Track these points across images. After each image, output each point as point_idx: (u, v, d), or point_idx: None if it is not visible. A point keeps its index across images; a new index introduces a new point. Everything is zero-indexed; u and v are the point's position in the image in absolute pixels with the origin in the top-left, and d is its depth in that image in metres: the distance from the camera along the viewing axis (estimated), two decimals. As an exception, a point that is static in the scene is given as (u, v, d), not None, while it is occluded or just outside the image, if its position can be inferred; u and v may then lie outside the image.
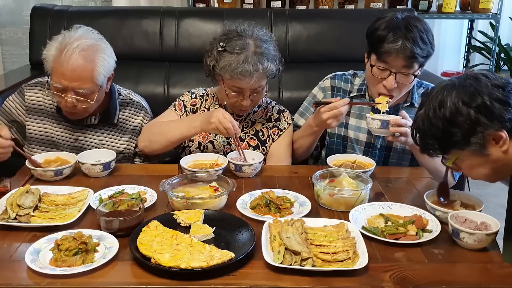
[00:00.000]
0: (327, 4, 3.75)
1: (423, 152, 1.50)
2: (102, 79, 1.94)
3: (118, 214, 1.47)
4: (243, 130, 2.13)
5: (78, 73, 1.87)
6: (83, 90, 1.90)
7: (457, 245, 1.40)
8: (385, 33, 1.87)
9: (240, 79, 1.91)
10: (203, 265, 1.23)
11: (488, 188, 2.00)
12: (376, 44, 1.90)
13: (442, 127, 1.38)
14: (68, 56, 1.86)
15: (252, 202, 1.63)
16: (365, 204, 1.60)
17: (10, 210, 1.48)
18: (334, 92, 2.18)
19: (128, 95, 2.21)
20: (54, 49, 1.90)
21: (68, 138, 2.10)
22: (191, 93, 2.18)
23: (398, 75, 1.90)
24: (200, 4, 3.77)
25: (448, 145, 1.41)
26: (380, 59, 1.90)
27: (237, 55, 1.91)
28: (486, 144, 1.35)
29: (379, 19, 1.94)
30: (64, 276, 1.22)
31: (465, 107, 1.34)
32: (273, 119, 2.17)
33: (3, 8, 4.21)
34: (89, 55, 1.89)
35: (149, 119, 2.20)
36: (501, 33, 4.24)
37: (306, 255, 1.26)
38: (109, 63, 1.97)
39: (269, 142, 2.14)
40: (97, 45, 1.95)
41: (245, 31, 1.98)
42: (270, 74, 2.00)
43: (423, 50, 1.87)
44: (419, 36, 1.86)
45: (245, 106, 2.01)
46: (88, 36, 1.95)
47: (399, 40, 1.84)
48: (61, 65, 1.87)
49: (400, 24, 1.88)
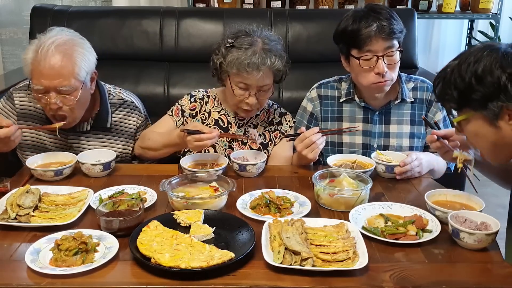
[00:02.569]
0: (327, 4, 3.75)
1: (438, 99, 1.48)
2: (83, 75, 1.86)
3: (118, 214, 1.48)
4: (245, 134, 2.12)
5: (57, 69, 1.80)
6: (65, 88, 1.82)
7: (457, 245, 1.40)
8: (356, 25, 1.89)
9: (248, 72, 1.91)
10: (203, 265, 1.23)
11: (488, 188, 2.00)
12: (353, 37, 1.91)
13: (468, 81, 1.34)
14: (44, 54, 1.79)
15: (252, 202, 1.63)
16: (365, 204, 1.60)
17: (10, 210, 1.48)
18: (322, 101, 2.16)
19: (119, 95, 2.15)
20: (31, 52, 1.83)
21: (61, 145, 2.06)
22: (191, 96, 2.17)
23: (385, 57, 1.91)
24: (200, 4, 3.78)
25: (465, 100, 1.37)
26: (363, 49, 1.91)
27: (245, 50, 1.92)
28: (500, 115, 1.32)
29: (343, 19, 1.97)
30: (64, 276, 1.22)
31: (500, 70, 1.30)
32: (275, 123, 2.16)
33: (3, 8, 4.21)
34: (66, 49, 1.83)
35: (143, 119, 2.17)
36: (501, 33, 4.23)
37: (306, 255, 1.26)
38: (89, 58, 1.89)
39: (271, 145, 2.13)
40: (74, 40, 1.89)
41: (253, 31, 2.00)
42: (276, 72, 1.98)
43: (397, 24, 1.90)
44: (388, 14, 1.90)
45: (251, 105, 1.99)
46: (63, 33, 1.89)
47: (373, 23, 1.87)
48: (39, 64, 1.80)
49: (366, 11, 1.91)
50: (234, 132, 2.12)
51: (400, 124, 2.10)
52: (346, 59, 2.01)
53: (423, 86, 2.11)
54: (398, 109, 2.09)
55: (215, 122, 2.12)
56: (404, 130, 2.09)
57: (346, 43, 1.96)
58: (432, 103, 2.09)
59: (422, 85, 2.11)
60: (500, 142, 1.37)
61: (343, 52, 2.00)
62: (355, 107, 2.13)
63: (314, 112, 2.18)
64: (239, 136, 2.06)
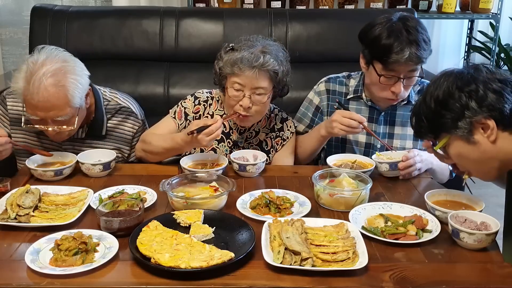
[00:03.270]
0: (327, 4, 3.75)
1: (417, 135, 1.54)
2: (78, 101, 1.82)
3: (118, 214, 1.48)
4: (247, 140, 2.11)
5: (52, 102, 1.75)
6: (62, 117, 1.80)
7: (457, 245, 1.40)
8: (389, 42, 1.86)
9: (240, 69, 1.87)
10: (203, 265, 1.23)
11: (488, 188, 1.99)
12: (382, 54, 1.88)
13: (433, 108, 1.42)
14: (37, 87, 1.73)
15: (252, 202, 1.63)
16: (365, 204, 1.60)
17: (10, 210, 1.48)
18: (329, 95, 2.18)
19: (115, 100, 2.11)
20: (22, 81, 1.77)
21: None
22: (195, 98, 2.12)
23: (405, 79, 1.92)
24: (200, 4, 3.77)
25: (437, 127, 1.44)
26: (388, 68, 1.90)
27: (242, 51, 1.89)
28: (473, 131, 1.37)
29: (376, 25, 1.93)
30: (64, 276, 1.22)
31: (458, 91, 1.37)
32: (276, 129, 2.14)
33: (3, 8, 4.21)
34: (59, 81, 1.76)
35: (140, 124, 2.14)
36: (501, 33, 4.23)
37: (306, 255, 1.26)
38: (82, 83, 1.83)
39: (273, 152, 2.12)
40: (65, 67, 1.80)
41: (256, 39, 1.97)
42: (273, 75, 1.91)
43: (426, 51, 1.89)
44: (421, 38, 1.87)
45: (244, 108, 1.91)
46: (53, 59, 1.79)
47: (406, 48, 1.84)
48: (32, 97, 1.74)
49: (400, 28, 1.87)
50: (236, 138, 2.10)
51: (404, 126, 2.10)
52: (366, 64, 2.00)
53: None
54: (403, 111, 2.10)
55: None
56: (408, 132, 2.10)
57: (372, 53, 1.94)
58: None
59: None
60: (484, 157, 1.39)
61: (366, 56, 1.99)
62: (361, 105, 2.13)
63: (320, 106, 2.19)
64: (232, 115, 1.98)
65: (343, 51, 2.75)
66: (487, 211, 1.51)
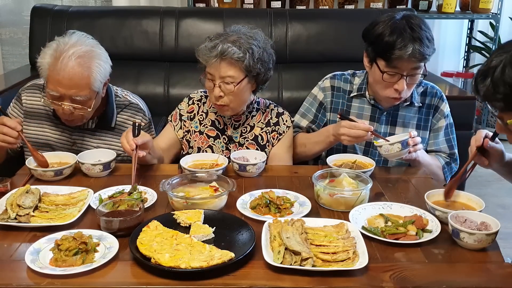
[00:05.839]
0: (327, 4, 3.75)
1: (484, 98, 1.34)
2: (98, 85, 1.92)
3: (118, 214, 1.47)
4: (242, 135, 2.11)
5: (75, 81, 1.85)
6: (80, 97, 1.88)
7: (457, 245, 1.40)
8: (393, 39, 1.86)
9: (205, 59, 1.92)
10: (203, 265, 1.23)
11: (488, 188, 2.00)
12: (386, 51, 1.89)
13: None
14: (64, 64, 1.83)
15: (252, 202, 1.63)
16: (365, 204, 1.60)
17: (10, 210, 1.48)
18: (334, 92, 2.18)
19: (126, 97, 2.19)
20: (49, 57, 1.87)
21: (65, 142, 2.10)
22: (189, 99, 2.17)
23: (408, 77, 1.92)
24: (200, 4, 3.78)
25: None
26: (391, 65, 1.90)
27: (208, 41, 1.94)
28: None
29: (379, 22, 1.94)
30: (64, 276, 1.22)
31: None
32: (272, 123, 2.13)
33: (3, 8, 4.21)
34: (85, 62, 1.87)
35: (147, 121, 2.19)
36: (501, 33, 4.24)
37: (306, 255, 1.26)
38: (105, 69, 1.95)
39: (269, 147, 2.12)
40: (93, 51, 1.92)
41: (234, 29, 1.98)
42: (237, 62, 1.89)
43: (430, 49, 1.89)
44: (425, 35, 1.87)
45: (215, 96, 1.94)
46: (83, 42, 1.91)
47: (409, 44, 1.84)
48: (58, 73, 1.84)
49: (403, 26, 1.88)
50: (230, 134, 2.10)
51: (406, 127, 2.11)
52: (369, 62, 2.01)
53: (432, 92, 2.13)
54: (406, 112, 2.11)
55: (211, 123, 2.11)
56: None
57: (375, 51, 1.95)
58: (438, 109, 2.12)
59: (432, 91, 2.13)
60: None
61: (369, 54, 1.99)
62: (364, 103, 2.14)
63: (324, 102, 2.19)
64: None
65: (343, 51, 2.75)
66: (487, 211, 1.51)
